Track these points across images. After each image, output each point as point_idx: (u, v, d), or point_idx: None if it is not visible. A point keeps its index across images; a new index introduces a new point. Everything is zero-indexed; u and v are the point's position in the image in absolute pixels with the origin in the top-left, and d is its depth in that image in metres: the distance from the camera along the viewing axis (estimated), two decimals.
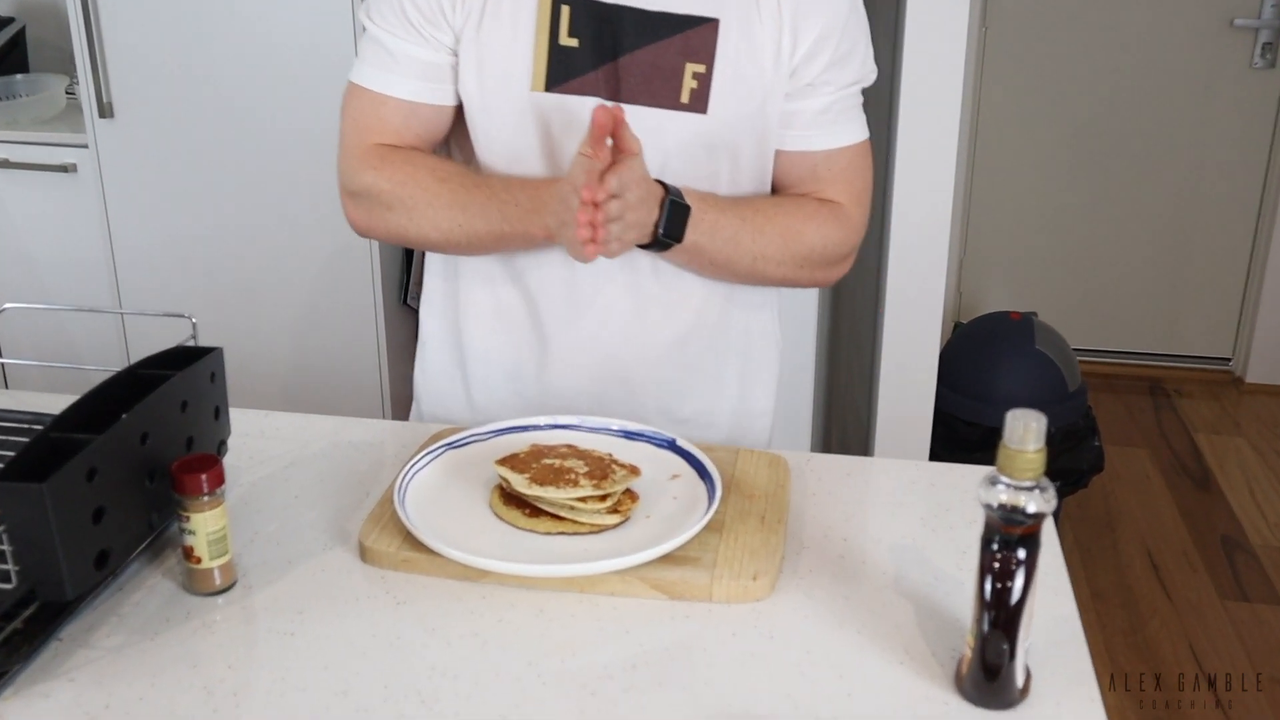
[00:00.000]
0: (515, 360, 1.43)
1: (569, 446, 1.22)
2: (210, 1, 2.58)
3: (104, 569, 1.01)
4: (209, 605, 1.08)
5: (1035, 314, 3.10)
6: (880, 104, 2.80)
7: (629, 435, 1.29)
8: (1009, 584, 0.93)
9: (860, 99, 1.38)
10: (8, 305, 1.31)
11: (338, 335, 2.78)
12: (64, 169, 2.83)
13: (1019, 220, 3.92)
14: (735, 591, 1.07)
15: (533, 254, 1.36)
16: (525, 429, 1.30)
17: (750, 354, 1.49)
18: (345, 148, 1.35)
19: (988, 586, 0.94)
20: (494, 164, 1.34)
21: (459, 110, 1.35)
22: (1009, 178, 3.88)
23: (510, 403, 1.45)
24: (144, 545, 1.12)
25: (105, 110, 2.69)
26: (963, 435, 2.91)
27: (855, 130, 1.38)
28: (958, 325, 3.18)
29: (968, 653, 0.96)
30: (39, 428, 1.28)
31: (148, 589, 1.10)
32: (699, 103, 1.29)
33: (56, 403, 1.39)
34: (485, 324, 1.43)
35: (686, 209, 1.26)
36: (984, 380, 2.93)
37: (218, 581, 1.08)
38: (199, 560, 1.07)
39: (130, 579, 1.11)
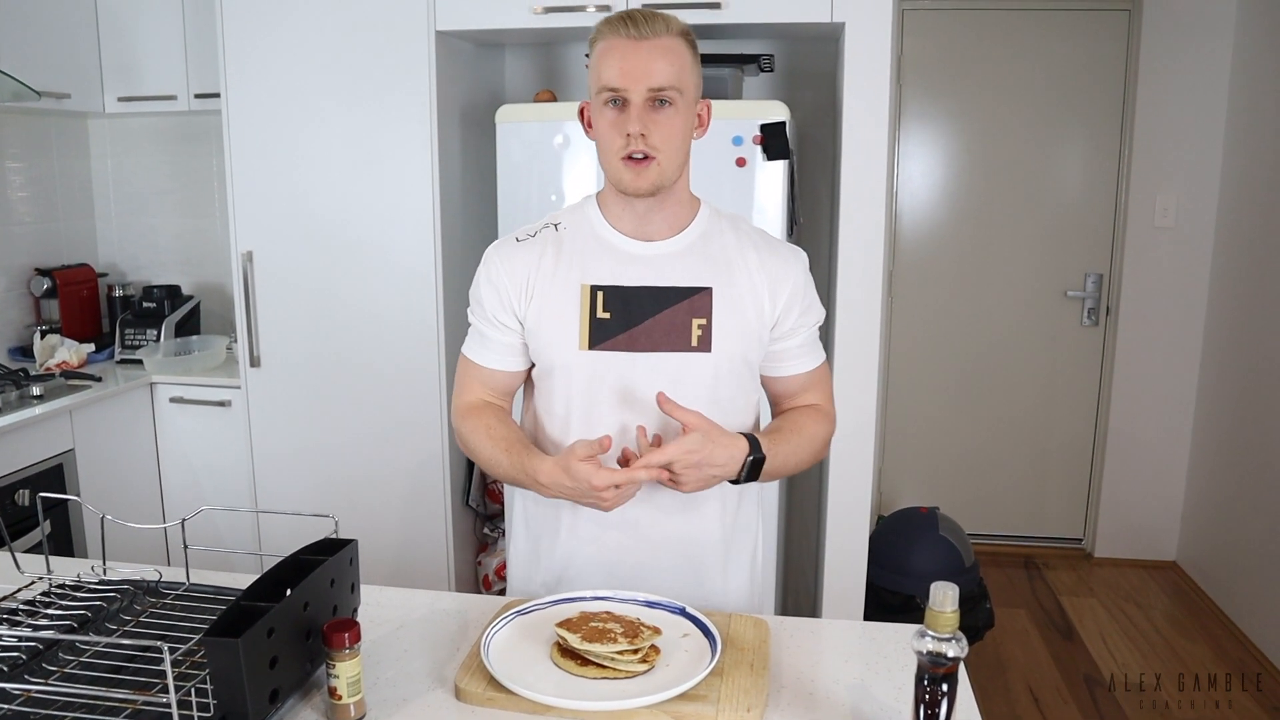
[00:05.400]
0: (551, 556, 1.47)
1: (608, 613, 1.24)
2: (336, 294, 2.70)
3: (275, 703, 1.04)
4: None
5: (938, 508, 3.12)
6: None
7: (650, 604, 1.30)
8: (937, 710, 0.96)
9: (818, 332, 1.49)
10: (204, 508, 1.35)
11: (417, 527, 2.79)
12: (222, 404, 2.90)
13: (922, 439, 3.99)
14: None
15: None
16: (576, 599, 1.32)
17: (738, 553, 1.52)
18: (455, 397, 1.48)
19: (921, 713, 0.97)
20: (553, 400, 1.41)
21: (528, 371, 1.45)
22: (914, 408, 3.97)
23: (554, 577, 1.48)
24: (302, 685, 1.14)
25: (255, 361, 2.78)
26: (886, 601, 2.89)
27: (820, 354, 1.49)
28: (880, 518, 3.20)
29: None
30: (223, 598, 1.31)
31: (301, 719, 1.11)
32: (705, 344, 1.37)
33: (223, 578, 1.41)
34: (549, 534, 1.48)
35: (762, 461, 1.34)
36: (901, 559, 2.93)
37: (353, 714, 1.10)
38: (340, 697, 1.09)
39: (289, 710, 1.12)
